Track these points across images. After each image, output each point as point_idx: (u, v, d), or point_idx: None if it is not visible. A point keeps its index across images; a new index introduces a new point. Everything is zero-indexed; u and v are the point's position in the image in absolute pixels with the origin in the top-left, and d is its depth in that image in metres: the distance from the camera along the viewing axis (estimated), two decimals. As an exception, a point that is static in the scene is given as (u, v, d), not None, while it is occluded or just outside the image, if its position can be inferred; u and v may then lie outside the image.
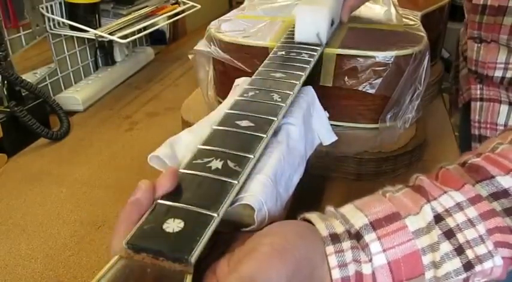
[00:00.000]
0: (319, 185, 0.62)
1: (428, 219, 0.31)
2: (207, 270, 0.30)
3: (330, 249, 0.30)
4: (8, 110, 0.71)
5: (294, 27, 0.60)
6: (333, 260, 0.30)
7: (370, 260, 0.30)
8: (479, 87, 0.66)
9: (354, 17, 0.73)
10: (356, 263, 0.30)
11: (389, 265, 0.30)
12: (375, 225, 0.31)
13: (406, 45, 0.62)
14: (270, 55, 0.57)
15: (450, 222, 0.31)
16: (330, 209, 0.35)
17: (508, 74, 0.60)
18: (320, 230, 0.31)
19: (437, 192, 0.33)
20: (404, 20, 0.73)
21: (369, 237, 0.31)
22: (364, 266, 0.30)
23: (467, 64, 0.67)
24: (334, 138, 0.53)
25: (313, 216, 0.33)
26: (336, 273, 0.29)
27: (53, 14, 0.86)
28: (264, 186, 0.35)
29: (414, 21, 0.73)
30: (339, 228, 0.31)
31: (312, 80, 0.54)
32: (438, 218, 0.31)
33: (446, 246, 0.31)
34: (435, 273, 0.30)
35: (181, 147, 0.42)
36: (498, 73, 0.61)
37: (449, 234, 0.31)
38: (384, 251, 0.30)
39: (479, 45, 0.62)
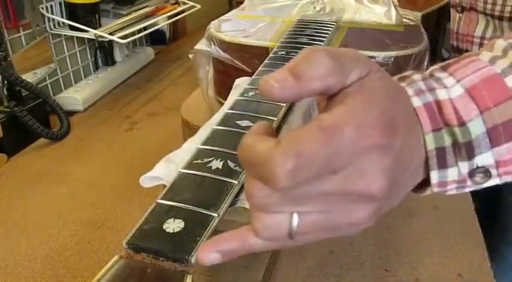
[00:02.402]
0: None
1: (502, 46, 0.29)
2: None
3: (403, 84, 0.29)
4: (8, 110, 0.71)
5: (294, 27, 0.60)
6: (409, 90, 0.28)
7: (446, 87, 0.28)
8: None
9: (354, 17, 0.73)
10: (432, 91, 0.28)
11: (468, 92, 0.28)
12: (444, 66, 0.30)
13: (406, 46, 0.62)
14: (270, 55, 0.57)
15: None
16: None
17: None
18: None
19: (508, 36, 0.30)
20: (404, 20, 0.73)
21: (440, 74, 0.29)
22: (438, 91, 0.28)
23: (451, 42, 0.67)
24: None
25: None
26: (416, 102, 0.28)
27: (53, 14, 0.86)
28: None
29: (414, 21, 0.73)
30: (413, 76, 0.30)
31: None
32: None
33: None
34: None
35: (181, 157, 0.41)
36: (475, 48, 0.62)
37: None
38: (458, 81, 0.28)
39: (460, 15, 0.62)
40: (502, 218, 0.83)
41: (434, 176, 0.29)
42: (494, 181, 0.29)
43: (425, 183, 0.30)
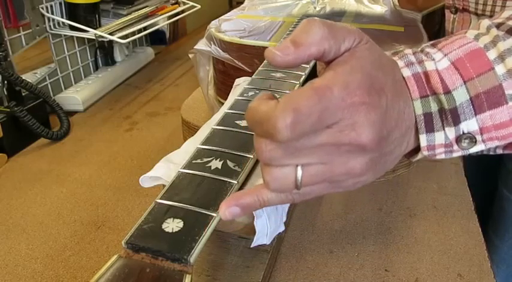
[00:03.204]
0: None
1: (486, 25, 0.32)
2: None
3: (395, 58, 0.33)
4: (8, 110, 0.71)
5: (294, 27, 0.60)
6: (400, 62, 0.32)
7: (433, 60, 0.32)
8: None
9: (354, 17, 0.73)
10: (421, 64, 0.32)
11: (453, 64, 0.31)
12: (434, 43, 0.34)
13: (406, 46, 0.62)
14: (270, 55, 0.57)
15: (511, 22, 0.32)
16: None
17: None
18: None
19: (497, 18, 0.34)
20: (404, 20, 0.73)
21: (430, 49, 0.33)
22: (427, 63, 0.32)
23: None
24: None
25: None
26: (406, 72, 0.32)
27: (53, 14, 0.86)
28: None
29: (414, 21, 0.73)
30: (405, 50, 0.34)
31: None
32: (498, 24, 0.32)
33: (510, 41, 0.31)
34: (506, 68, 0.31)
35: (181, 157, 0.41)
36: None
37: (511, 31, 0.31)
38: (446, 55, 0.32)
39: (454, 16, 0.63)
40: (496, 211, 0.84)
41: (423, 139, 0.32)
42: (479, 147, 0.33)
43: (417, 150, 0.34)
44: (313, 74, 0.54)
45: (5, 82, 0.73)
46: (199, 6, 1.15)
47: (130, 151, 0.73)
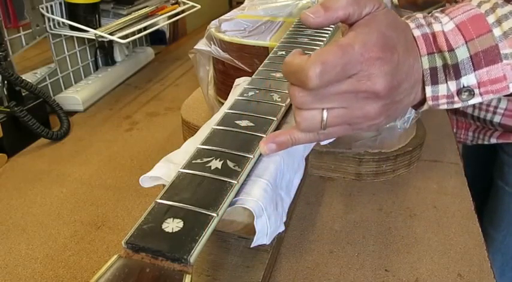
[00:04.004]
0: (319, 185, 0.62)
1: None
2: None
3: (407, 21, 0.39)
4: (8, 110, 0.71)
5: (294, 27, 0.60)
6: (411, 24, 0.38)
7: (440, 22, 0.38)
8: None
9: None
10: (429, 25, 0.38)
11: (457, 27, 0.37)
12: (443, 9, 0.39)
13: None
14: (270, 55, 0.57)
15: None
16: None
17: None
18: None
19: None
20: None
21: (438, 14, 0.39)
22: (435, 25, 0.38)
23: None
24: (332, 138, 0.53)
25: None
26: (416, 32, 0.38)
27: (53, 14, 0.86)
28: (264, 192, 0.35)
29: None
30: (417, 14, 0.40)
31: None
32: None
33: (508, 7, 0.37)
34: (502, 30, 0.37)
35: (181, 157, 0.41)
36: None
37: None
38: (451, 19, 0.38)
39: None
40: (491, 202, 0.85)
41: (428, 90, 0.38)
42: (476, 99, 0.38)
43: (423, 102, 0.40)
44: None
45: (5, 82, 0.73)
46: (199, 6, 1.15)
47: (130, 151, 0.73)
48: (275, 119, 0.42)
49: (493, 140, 0.78)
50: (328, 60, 0.32)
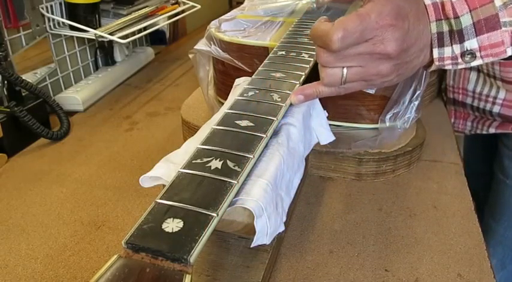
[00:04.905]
0: (319, 185, 0.62)
1: None
2: None
3: None
4: (8, 110, 0.71)
5: (294, 27, 0.60)
6: None
7: None
8: None
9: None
10: None
11: None
12: None
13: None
14: (270, 55, 0.57)
15: None
16: None
17: None
18: None
19: None
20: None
21: None
22: None
23: None
24: (332, 138, 0.53)
25: None
26: (427, 1, 0.43)
27: (53, 14, 0.86)
28: (264, 192, 0.35)
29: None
30: None
31: (312, 79, 0.54)
32: None
33: None
34: (502, 1, 0.41)
35: (181, 157, 0.41)
36: None
37: None
38: None
39: None
40: (492, 195, 0.86)
41: (435, 52, 0.44)
42: (478, 61, 0.44)
43: (431, 63, 0.46)
44: (312, 74, 0.54)
45: (5, 82, 0.73)
46: (199, 6, 1.15)
47: (130, 151, 0.73)
48: (275, 119, 0.42)
49: (492, 130, 0.79)
50: (348, 27, 0.39)
